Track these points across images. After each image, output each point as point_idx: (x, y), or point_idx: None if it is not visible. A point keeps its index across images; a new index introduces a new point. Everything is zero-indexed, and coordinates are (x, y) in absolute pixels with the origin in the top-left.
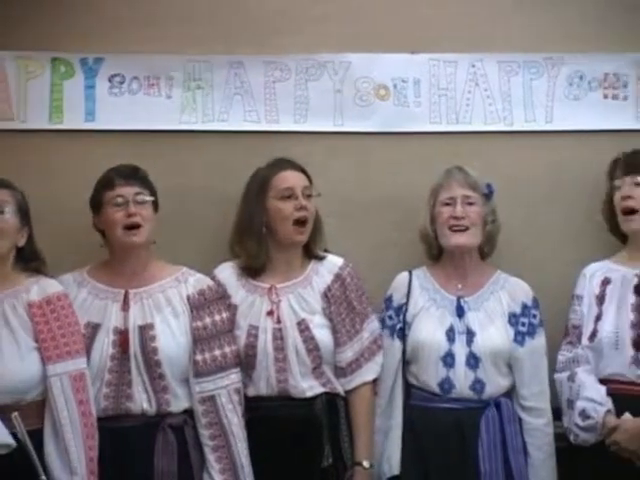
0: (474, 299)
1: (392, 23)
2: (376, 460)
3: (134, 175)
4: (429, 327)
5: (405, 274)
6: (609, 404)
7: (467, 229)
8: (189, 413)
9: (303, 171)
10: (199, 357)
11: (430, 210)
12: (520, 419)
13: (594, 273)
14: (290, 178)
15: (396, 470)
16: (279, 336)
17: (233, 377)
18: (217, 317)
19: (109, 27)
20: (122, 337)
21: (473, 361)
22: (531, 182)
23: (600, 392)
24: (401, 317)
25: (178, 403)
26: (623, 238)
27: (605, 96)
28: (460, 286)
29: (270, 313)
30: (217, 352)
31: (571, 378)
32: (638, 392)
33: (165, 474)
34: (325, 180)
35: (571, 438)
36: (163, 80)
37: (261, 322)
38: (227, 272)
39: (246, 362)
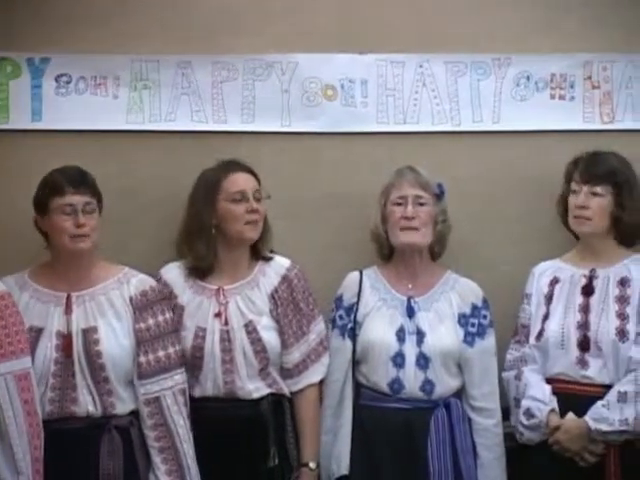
0: (424, 299)
1: (340, 23)
2: (326, 460)
3: (83, 182)
4: (379, 327)
5: (356, 274)
6: (553, 403)
7: (417, 229)
8: (135, 414)
9: (253, 173)
10: (143, 359)
11: (381, 209)
12: (470, 419)
13: (543, 272)
14: (241, 181)
15: (345, 470)
16: (226, 338)
17: (177, 378)
18: (160, 318)
19: (56, 27)
20: (65, 341)
21: (423, 361)
22: (478, 182)
23: (545, 391)
24: (352, 317)
25: (124, 405)
26: (577, 235)
27: (552, 97)
28: (410, 286)
29: (218, 315)
30: (161, 353)
31: (518, 377)
32: (583, 392)
33: (111, 476)
34: (273, 180)
35: (517, 437)
36: (110, 80)
37: (209, 324)
38: (174, 272)
39: (193, 363)
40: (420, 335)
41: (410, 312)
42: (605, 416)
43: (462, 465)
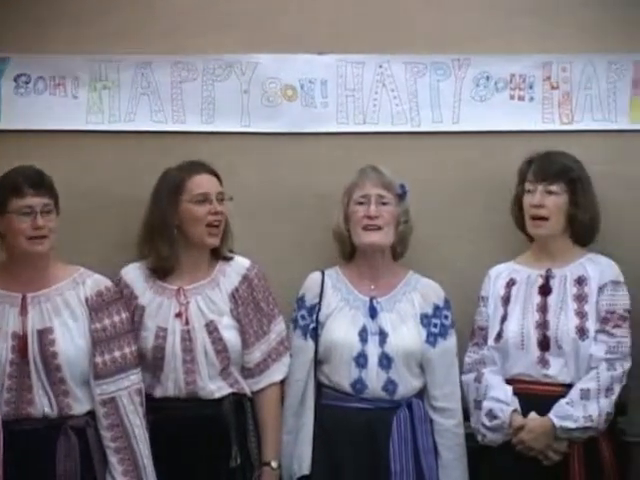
0: (386, 300)
1: (299, 24)
2: (287, 460)
3: (42, 183)
4: (342, 327)
5: (317, 274)
6: (515, 404)
7: (380, 228)
8: (91, 415)
9: (216, 175)
10: (99, 359)
11: (344, 209)
12: (431, 420)
13: (499, 274)
14: (205, 183)
15: (306, 470)
16: (188, 338)
17: (133, 378)
18: (116, 318)
19: (15, 27)
20: (21, 342)
21: (385, 362)
22: (438, 183)
23: (506, 392)
24: (314, 317)
25: (80, 406)
26: (531, 237)
27: (511, 97)
28: (373, 286)
29: (178, 315)
30: (117, 353)
31: (478, 379)
32: (544, 391)
33: (67, 476)
34: (232, 181)
35: (479, 438)
36: (69, 80)
37: (169, 324)
38: (134, 273)
39: (154, 364)
40: (382, 335)
41: (372, 312)
42: (570, 413)
43: (424, 465)
